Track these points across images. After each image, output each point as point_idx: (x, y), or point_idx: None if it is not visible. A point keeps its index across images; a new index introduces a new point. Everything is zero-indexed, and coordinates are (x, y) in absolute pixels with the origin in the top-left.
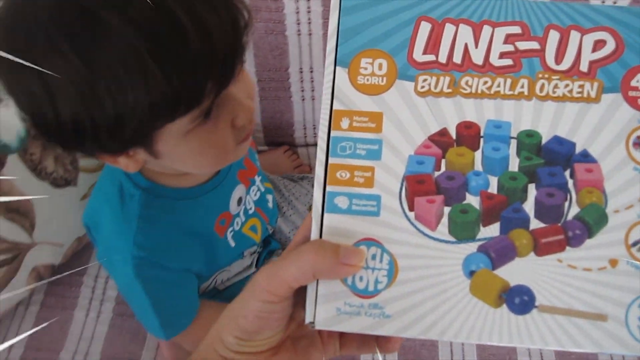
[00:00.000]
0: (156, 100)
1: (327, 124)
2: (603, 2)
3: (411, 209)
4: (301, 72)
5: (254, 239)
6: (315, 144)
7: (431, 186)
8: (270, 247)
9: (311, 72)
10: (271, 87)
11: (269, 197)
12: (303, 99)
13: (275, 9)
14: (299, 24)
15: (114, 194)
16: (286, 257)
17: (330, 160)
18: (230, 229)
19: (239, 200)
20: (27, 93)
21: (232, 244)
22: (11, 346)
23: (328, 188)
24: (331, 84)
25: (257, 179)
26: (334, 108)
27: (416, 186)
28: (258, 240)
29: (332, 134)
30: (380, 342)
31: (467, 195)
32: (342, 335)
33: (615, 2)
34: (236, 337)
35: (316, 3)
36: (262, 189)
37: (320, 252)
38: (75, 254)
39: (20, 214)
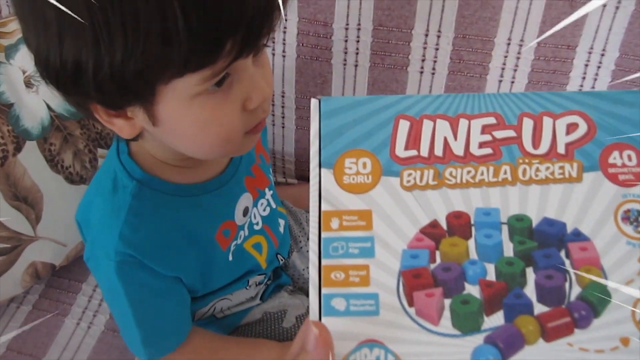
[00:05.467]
0: (170, 46)
1: (317, 225)
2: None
3: (411, 304)
4: None
5: (256, 258)
6: None
7: (428, 279)
8: (280, 280)
9: None
10: (308, 116)
11: (281, 221)
12: None
13: (323, 34)
14: (346, 52)
15: (106, 185)
16: None
17: (324, 262)
18: (234, 242)
19: (245, 211)
20: (37, 19)
21: (230, 257)
22: None
23: (323, 290)
24: (317, 186)
25: (268, 192)
26: (322, 209)
27: (413, 280)
28: (262, 262)
29: (323, 235)
30: None
31: (466, 285)
32: None
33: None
34: None
35: (366, 34)
36: (273, 205)
37: None
38: (78, 258)
39: (28, 204)
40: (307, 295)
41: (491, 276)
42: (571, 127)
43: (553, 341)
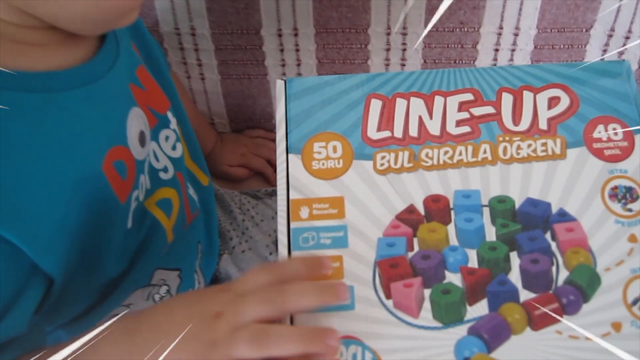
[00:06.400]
0: None
1: (285, 215)
2: None
3: (388, 296)
4: (280, 35)
5: (160, 223)
6: None
7: (406, 269)
8: None
9: (295, 35)
10: (236, 60)
11: (190, 188)
12: (285, 76)
13: None
14: None
15: None
16: None
17: (293, 254)
18: (136, 193)
19: (141, 138)
20: None
21: (130, 223)
22: None
23: None
24: (285, 173)
25: (173, 121)
26: (290, 198)
27: (390, 271)
28: (168, 231)
29: (292, 225)
30: None
31: (447, 273)
32: None
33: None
34: None
35: None
36: (177, 138)
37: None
38: None
39: None
40: None
41: (473, 263)
42: (553, 101)
43: (541, 329)
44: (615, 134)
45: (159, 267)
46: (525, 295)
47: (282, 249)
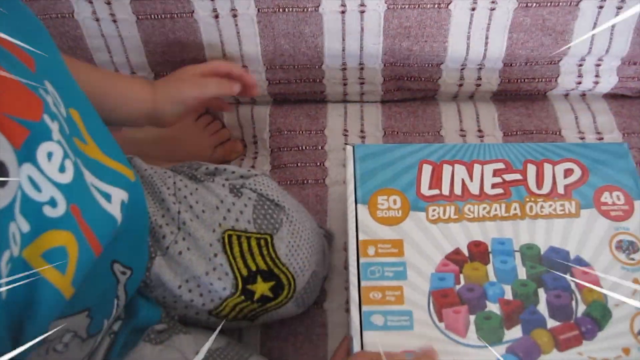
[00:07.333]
0: None
1: (355, 252)
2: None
3: (440, 320)
4: None
5: (51, 284)
6: (255, 101)
7: (455, 298)
8: (137, 319)
9: None
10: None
11: (119, 193)
12: (217, 16)
13: None
14: None
15: None
16: None
17: (363, 284)
18: (6, 255)
19: None
20: None
21: (3, 294)
22: None
23: (364, 308)
24: (354, 219)
25: (53, 125)
26: (360, 239)
27: (442, 299)
28: (65, 290)
29: (361, 260)
30: None
31: (487, 303)
32: None
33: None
34: None
35: None
36: (64, 153)
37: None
38: None
39: None
40: (196, 330)
41: (508, 295)
42: (568, 172)
43: (565, 351)
44: (619, 199)
45: (56, 319)
46: (551, 323)
47: (353, 279)
